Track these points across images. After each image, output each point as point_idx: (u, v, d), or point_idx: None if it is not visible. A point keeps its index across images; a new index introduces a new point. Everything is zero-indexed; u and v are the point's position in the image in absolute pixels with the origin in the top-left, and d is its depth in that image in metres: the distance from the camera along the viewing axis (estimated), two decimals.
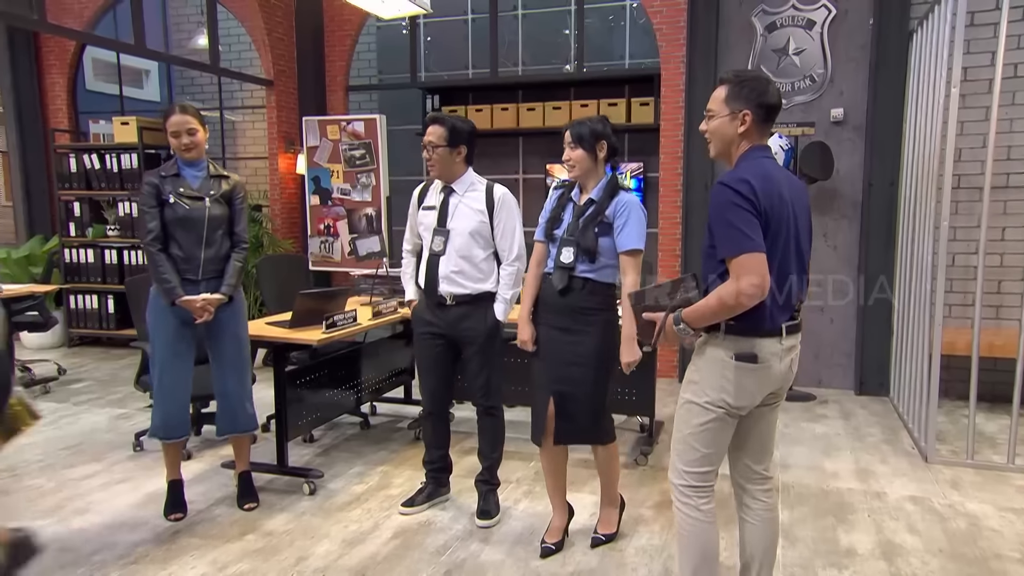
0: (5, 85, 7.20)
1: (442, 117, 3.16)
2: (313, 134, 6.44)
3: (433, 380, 3.32)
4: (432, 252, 3.20)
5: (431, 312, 3.23)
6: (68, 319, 7.00)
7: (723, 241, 2.02)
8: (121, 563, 2.92)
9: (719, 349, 2.12)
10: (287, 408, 3.66)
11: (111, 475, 3.84)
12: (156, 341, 3.22)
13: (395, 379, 4.78)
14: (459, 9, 7.01)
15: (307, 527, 3.23)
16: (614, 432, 2.99)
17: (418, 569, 2.86)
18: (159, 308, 3.19)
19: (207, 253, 3.22)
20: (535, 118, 6.24)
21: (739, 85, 2.14)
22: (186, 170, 3.23)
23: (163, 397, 3.23)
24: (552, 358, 2.84)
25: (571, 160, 2.79)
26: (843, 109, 5.36)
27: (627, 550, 3.00)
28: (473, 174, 3.24)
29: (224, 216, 3.27)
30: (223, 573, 2.83)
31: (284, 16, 6.67)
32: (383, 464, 3.99)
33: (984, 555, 2.99)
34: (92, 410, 4.99)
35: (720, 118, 2.17)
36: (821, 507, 3.44)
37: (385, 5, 4.00)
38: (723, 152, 2.21)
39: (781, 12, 5.44)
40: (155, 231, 3.15)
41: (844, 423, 4.76)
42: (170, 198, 3.15)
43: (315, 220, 6.55)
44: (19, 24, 6.69)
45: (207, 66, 6.40)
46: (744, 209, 2.01)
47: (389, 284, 4.64)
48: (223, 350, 3.32)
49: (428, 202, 3.27)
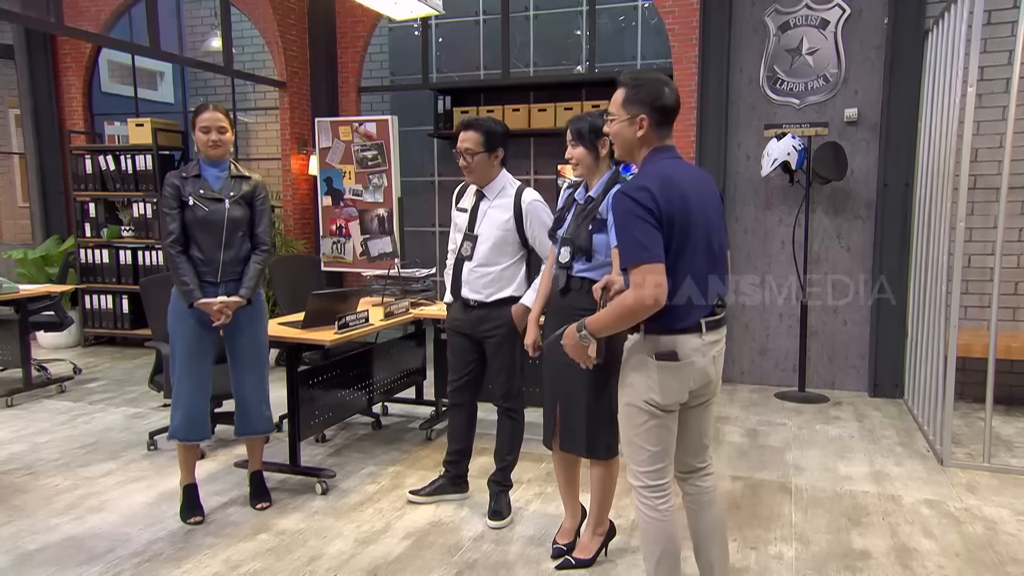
0: (23, 88, 7.27)
1: (476, 122, 3.13)
2: (325, 135, 6.46)
3: (456, 374, 3.35)
4: (460, 255, 3.23)
5: (459, 311, 3.27)
6: (83, 319, 7.05)
7: (624, 251, 2.07)
8: (136, 561, 2.93)
9: (641, 350, 2.17)
10: (300, 408, 3.66)
11: (126, 474, 3.86)
12: (176, 343, 3.23)
13: (407, 379, 4.77)
14: (471, 10, 7.02)
15: (320, 527, 3.23)
16: (616, 448, 2.75)
17: (430, 569, 2.85)
18: (179, 310, 3.19)
19: (226, 255, 3.22)
20: (546, 119, 6.23)
21: (635, 88, 2.15)
22: (208, 171, 3.23)
23: (183, 399, 3.23)
24: (551, 359, 2.80)
25: (572, 157, 2.73)
26: (857, 109, 5.31)
27: (639, 551, 2.98)
28: (506, 177, 3.22)
29: (245, 218, 3.27)
30: (236, 572, 2.84)
31: (297, 18, 6.70)
32: (395, 464, 3.99)
33: (1001, 560, 2.95)
34: (107, 409, 5.03)
35: (619, 122, 2.18)
36: (835, 510, 3.41)
37: (397, 6, 4.00)
38: (626, 154, 2.25)
39: (794, 11, 5.41)
40: (175, 233, 3.15)
41: (858, 425, 4.72)
42: (190, 200, 3.15)
43: (327, 221, 6.57)
44: (37, 27, 6.73)
45: (221, 68, 6.43)
46: (643, 219, 2.04)
47: (401, 285, 4.64)
48: (241, 352, 3.33)
49: (462, 204, 3.28)
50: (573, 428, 2.74)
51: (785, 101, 5.48)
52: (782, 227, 5.56)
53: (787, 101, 5.47)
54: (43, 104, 7.33)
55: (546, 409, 2.86)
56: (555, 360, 2.26)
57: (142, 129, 6.76)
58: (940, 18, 4.51)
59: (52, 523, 3.28)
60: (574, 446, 2.79)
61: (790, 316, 5.59)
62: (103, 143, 7.19)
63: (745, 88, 5.57)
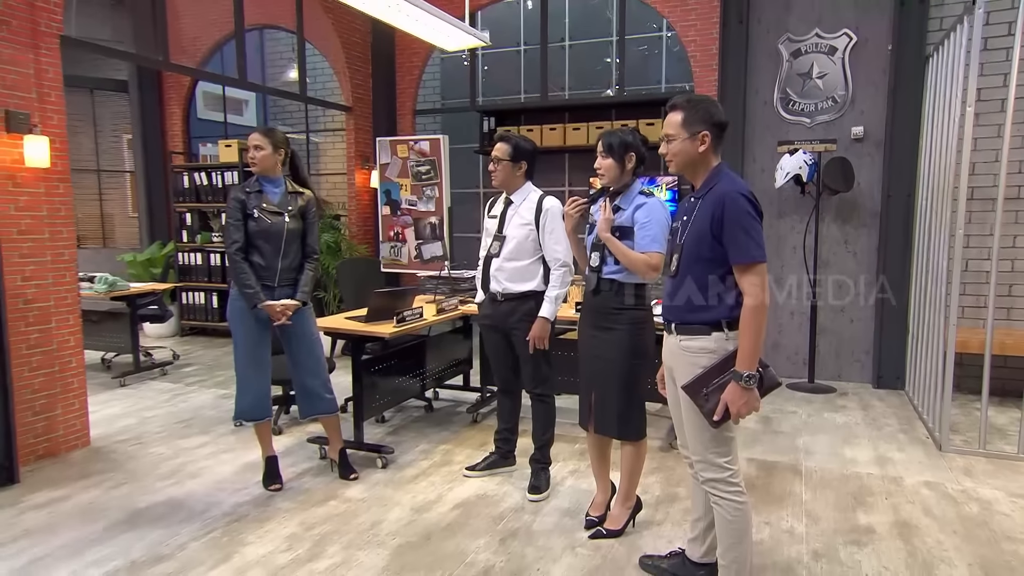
0: (134, 116, 7.52)
1: (508, 136, 3.17)
2: (385, 152, 6.53)
3: (496, 364, 3.38)
4: (489, 254, 3.24)
5: (488, 306, 3.27)
6: (181, 312, 7.25)
7: (741, 249, 1.99)
8: (226, 520, 3.01)
9: (726, 345, 2.10)
10: (363, 392, 3.70)
11: (216, 446, 3.96)
12: (239, 339, 3.23)
13: (455, 368, 4.79)
14: (513, 41, 7.02)
15: (380, 496, 3.27)
16: (644, 431, 2.80)
17: (477, 535, 2.87)
18: (239, 309, 3.19)
19: (284, 263, 3.22)
20: (580, 137, 6.20)
21: (694, 108, 2.11)
22: (267, 186, 3.22)
23: (245, 387, 3.26)
24: (586, 353, 2.80)
25: (600, 168, 2.68)
26: (863, 127, 5.18)
27: (664, 524, 2.97)
28: (530, 187, 3.22)
29: (299, 230, 3.27)
30: (310, 532, 2.89)
31: (361, 51, 6.78)
32: (445, 443, 4.02)
33: (996, 537, 2.86)
34: (200, 390, 5.16)
35: (682, 140, 2.12)
36: (842, 490, 3.34)
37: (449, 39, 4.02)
38: (686, 170, 2.18)
39: (805, 40, 5.29)
40: (240, 242, 3.14)
41: (863, 414, 4.61)
42: (255, 212, 3.15)
43: (386, 228, 6.64)
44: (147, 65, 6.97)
45: (296, 95, 6.53)
46: (756, 220, 2.01)
47: (450, 284, 4.66)
48: (297, 347, 3.32)
49: (493, 211, 3.30)
50: (607, 414, 2.74)
51: (797, 120, 5.36)
52: (794, 234, 5.45)
53: (799, 120, 5.36)
54: (150, 130, 7.58)
55: (582, 396, 2.85)
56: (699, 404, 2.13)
57: (230, 149, 6.92)
58: (940, 45, 4.38)
59: (157, 486, 3.38)
60: (608, 429, 2.78)
61: (800, 314, 5.48)
62: (198, 162, 7.40)
63: (760, 108, 5.47)
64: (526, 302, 3.16)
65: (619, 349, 2.68)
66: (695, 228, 2.10)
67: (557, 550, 2.74)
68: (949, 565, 2.64)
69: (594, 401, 2.78)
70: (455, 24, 3.72)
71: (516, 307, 3.18)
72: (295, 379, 3.39)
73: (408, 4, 3.35)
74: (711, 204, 2.05)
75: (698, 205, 2.12)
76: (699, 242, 2.07)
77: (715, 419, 2.05)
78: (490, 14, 6.82)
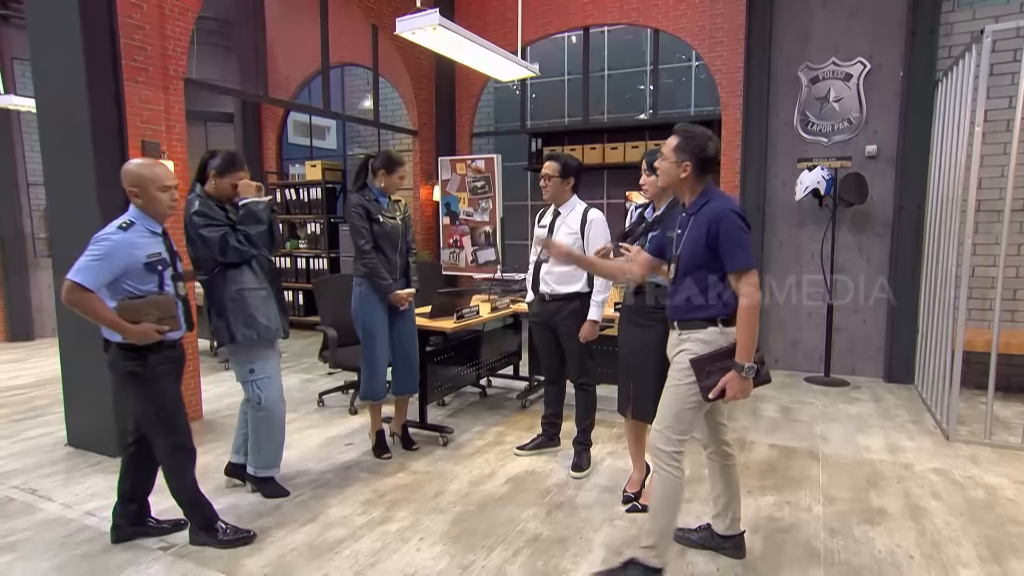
0: (238, 142, 7.82)
1: (557, 155, 3.19)
2: (446, 170, 6.62)
3: (544, 357, 3.38)
4: (539, 259, 3.26)
5: (537, 305, 3.29)
6: None
7: (737, 258, 2.03)
8: (312, 486, 3.11)
9: (720, 340, 2.12)
10: (427, 379, 3.74)
11: (303, 422, 4.08)
12: (374, 328, 3.26)
13: (506, 360, 4.81)
14: (558, 71, 7.01)
15: (442, 470, 3.32)
16: None
17: (526, 507, 2.89)
18: (373, 303, 3.25)
19: (400, 259, 3.34)
20: (617, 155, 6.17)
21: (686, 139, 2.14)
22: (380, 197, 3.32)
23: (375, 371, 3.31)
24: (625, 347, 2.80)
25: (644, 184, 2.72)
26: (876, 146, 5.01)
27: (693, 501, 2.94)
28: (576, 200, 3.23)
29: (403, 230, 3.37)
30: (383, 499, 2.96)
31: (427, 82, 6.88)
32: (498, 426, 4.05)
33: (1001, 520, 2.75)
34: (288, 375, 5.31)
35: (669, 162, 2.17)
36: (856, 474, 3.25)
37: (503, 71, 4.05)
38: (669, 186, 2.24)
39: (823, 67, 5.15)
40: (372, 242, 3.23)
41: (875, 406, 4.46)
42: (380, 217, 3.25)
43: (446, 236, 6.74)
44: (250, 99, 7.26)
45: (370, 121, 6.68)
46: (747, 234, 2.05)
47: (502, 286, 4.69)
48: (408, 331, 3.41)
49: (543, 221, 3.32)
50: (644, 401, 2.73)
51: (815, 139, 5.22)
52: (812, 242, 5.30)
53: (817, 139, 5.22)
54: (251, 153, 7.85)
55: (621, 385, 2.86)
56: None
57: (314, 169, 7.13)
58: (949, 71, 4.21)
59: None
60: (644, 415, 2.78)
61: (817, 314, 5.33)
62: (288, 179, 7.63)
63: (781, 129, 5.34)
64: (571, 302, 3.17)
65: (655, 344, 2.66)
66: (690, 240, 2.13)
67: (597, 521, 2.75)
68: (956, 544, 2.55)
69: (632, 391, 2.78)
70: (508, 57, 3.75)
71: (563, 306, 3.19)
72: (398, 359, 3.41)
73: (468, 42, 3.40)
74: (705, 220, 2.08)
75: (691, 221, 2.15)
76: (694, 252, 2.11)
77: (710, 396, 2.07)
78: (538, 48, 6.84)
